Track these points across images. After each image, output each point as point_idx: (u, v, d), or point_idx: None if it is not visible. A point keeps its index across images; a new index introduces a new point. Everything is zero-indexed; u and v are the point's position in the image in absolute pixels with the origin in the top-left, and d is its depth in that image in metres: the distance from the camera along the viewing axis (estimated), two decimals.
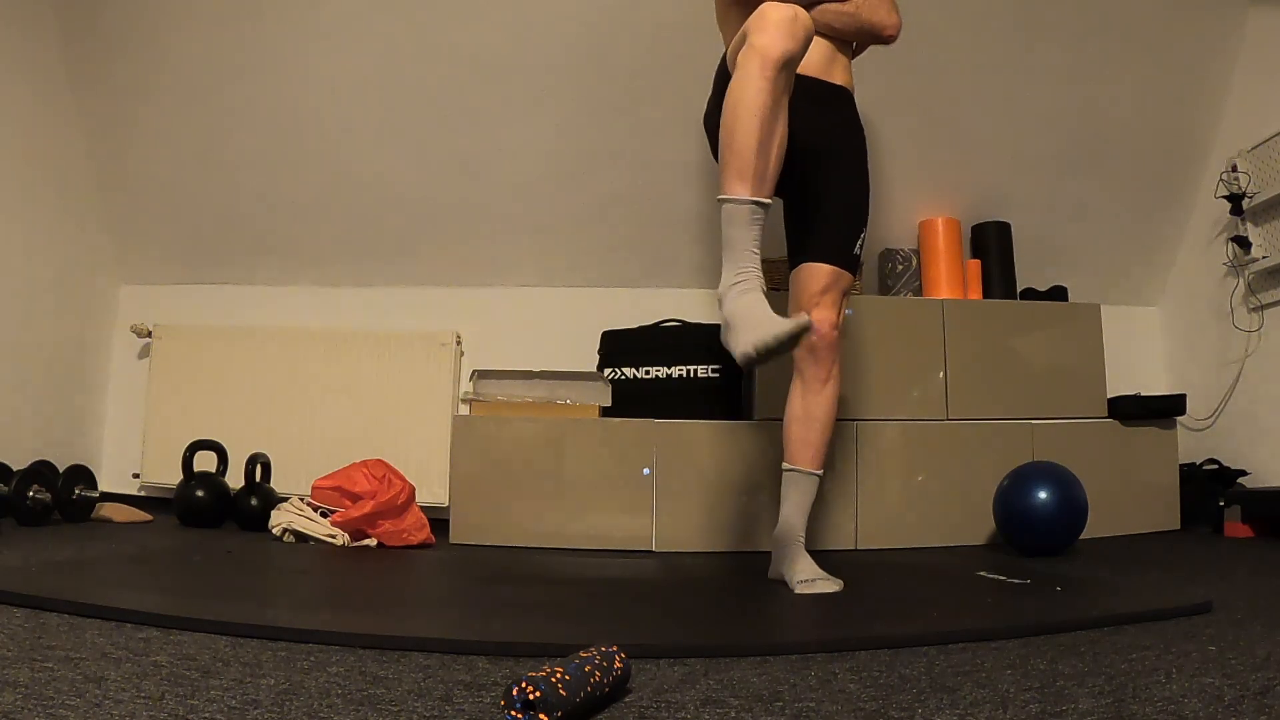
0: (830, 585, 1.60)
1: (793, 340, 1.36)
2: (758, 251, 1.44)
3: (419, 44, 2.90)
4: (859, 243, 1.85)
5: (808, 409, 1.76)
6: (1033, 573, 1.77)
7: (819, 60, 1.80)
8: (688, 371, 2.79)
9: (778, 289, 2.69)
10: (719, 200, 1.46)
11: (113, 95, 3.06)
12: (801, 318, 1.36)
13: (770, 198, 1.47)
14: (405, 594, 1.51)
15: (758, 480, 2.45)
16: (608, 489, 2.48)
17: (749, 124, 1.43)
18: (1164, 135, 3.04)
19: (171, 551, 2.00)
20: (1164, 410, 2.69)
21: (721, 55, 1.81)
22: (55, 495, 2.54)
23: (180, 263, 3.37)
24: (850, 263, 1.82)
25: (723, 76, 1.69)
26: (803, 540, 1.73)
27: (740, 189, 1.43)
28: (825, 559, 1.79)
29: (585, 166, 3.10)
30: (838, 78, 1.85)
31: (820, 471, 1.77)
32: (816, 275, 1.79)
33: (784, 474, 1.79)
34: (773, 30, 1.43)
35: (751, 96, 1.43)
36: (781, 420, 1.80)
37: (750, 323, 1.38)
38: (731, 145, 1.45)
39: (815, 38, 1.75)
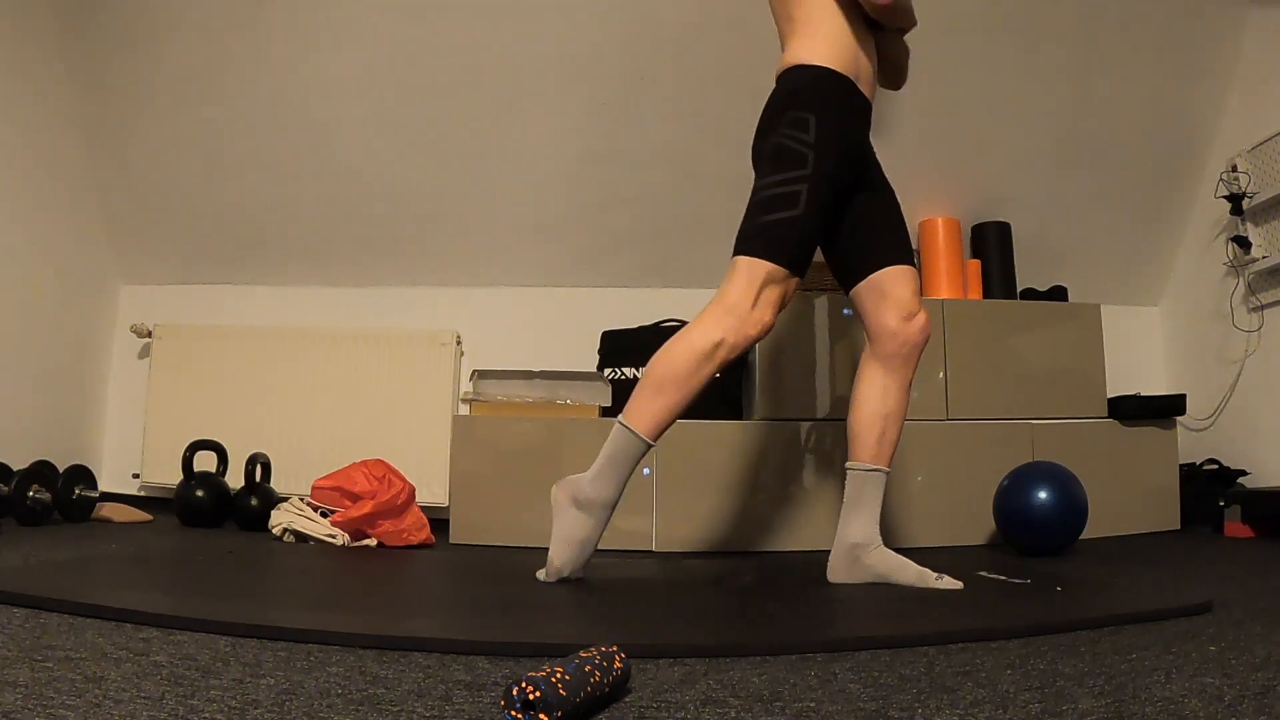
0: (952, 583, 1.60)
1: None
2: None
3: (419, 44, 2.91)
4: None
5: (900, 407, 1.74)
6: (1033, 573, 1.77)
7: (874, 77, 1.78)
8: None
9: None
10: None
11: (113, 95, 3.06)
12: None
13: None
14: (405, 594, 1.50)
15: (758, 480, 2.45)
16: None
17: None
18: (1164, 135, 3.04)
19: (171, 551, 2.00)
20: (1164, 410, 2.69)
21: (822, 71, 1.67)
22: (55, 495, 2.54)
23: (180, 263, 3.38)
24: None
25: (834, 88, 1.65)
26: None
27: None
28: (825, 559, 1.79)
29: (585, 166, 3.10)
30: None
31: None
32: (907, 278, 1.74)
33: (868, 475, 1.72)
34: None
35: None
36: (779, 420, 1.80)
37: (568, 541, 1.64)
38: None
39: (872, 50, 1.74)
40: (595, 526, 1.64)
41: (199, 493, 2.72)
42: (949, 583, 1.58)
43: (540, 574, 1.68)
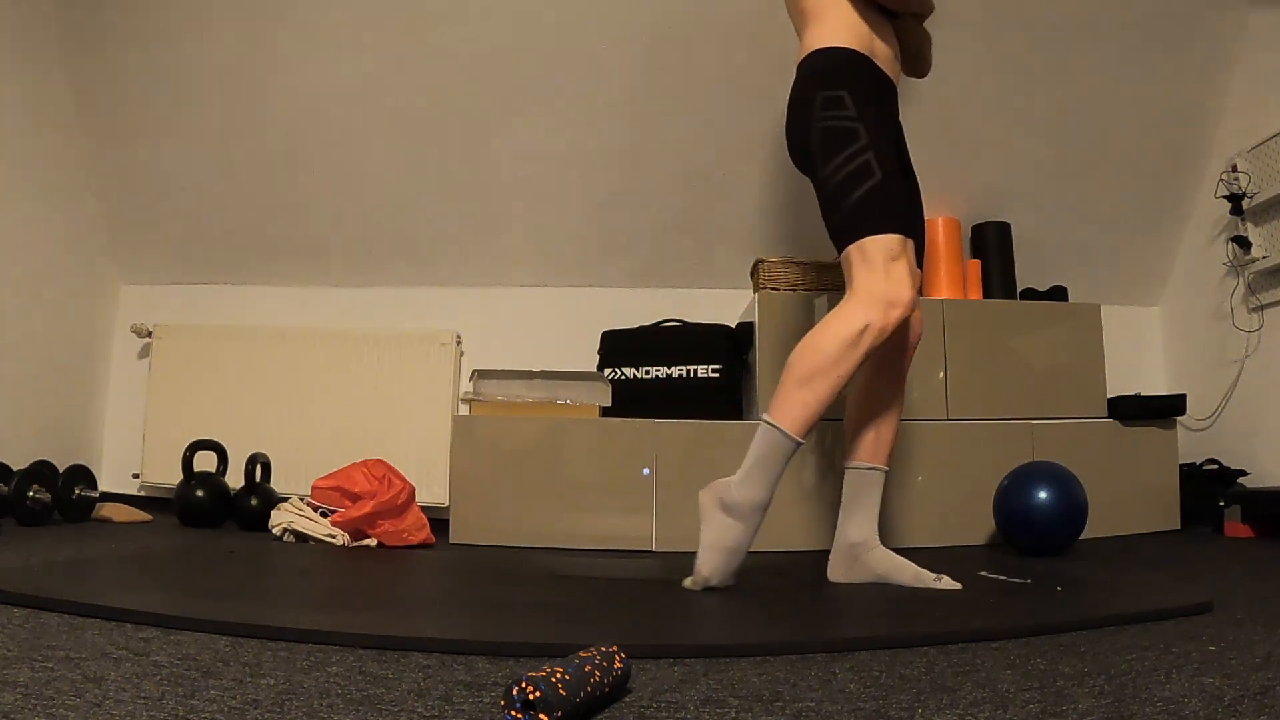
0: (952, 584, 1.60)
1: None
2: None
3: (418, 45, 2.90)
4: None
5: (895, 406, 1.74)
6: (1033, 573, 1.77)
7: (894, 60, 1.76)
8: (688, 371, 2.79)
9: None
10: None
11: (113, 96, 3.06)
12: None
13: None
14: (405, 594, 1.50)
15: None
16: (608, 489, 2.48)
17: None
18: (1164, 135, 3.04)
19: (171, 551, 2.00)
20: (1164, 410, 2.69)
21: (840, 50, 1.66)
22: (55, 495, 2.54)
23: (180, 263, 3.38)
24: None
25: (853, 66, 1.63)
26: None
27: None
28: (825, 559, 1.79)
29: (585, 166, 3.10)
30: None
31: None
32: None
33: (866, 474, 1.72)
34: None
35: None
36: None
37: (716, 548, 1.53)
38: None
39: (889, 35, 1.73)
40: (745, 531, 1.54)
41: (199, 493, 2.72)
42: (948, 583, 1.58)
43: (687, 582, 1.58)
